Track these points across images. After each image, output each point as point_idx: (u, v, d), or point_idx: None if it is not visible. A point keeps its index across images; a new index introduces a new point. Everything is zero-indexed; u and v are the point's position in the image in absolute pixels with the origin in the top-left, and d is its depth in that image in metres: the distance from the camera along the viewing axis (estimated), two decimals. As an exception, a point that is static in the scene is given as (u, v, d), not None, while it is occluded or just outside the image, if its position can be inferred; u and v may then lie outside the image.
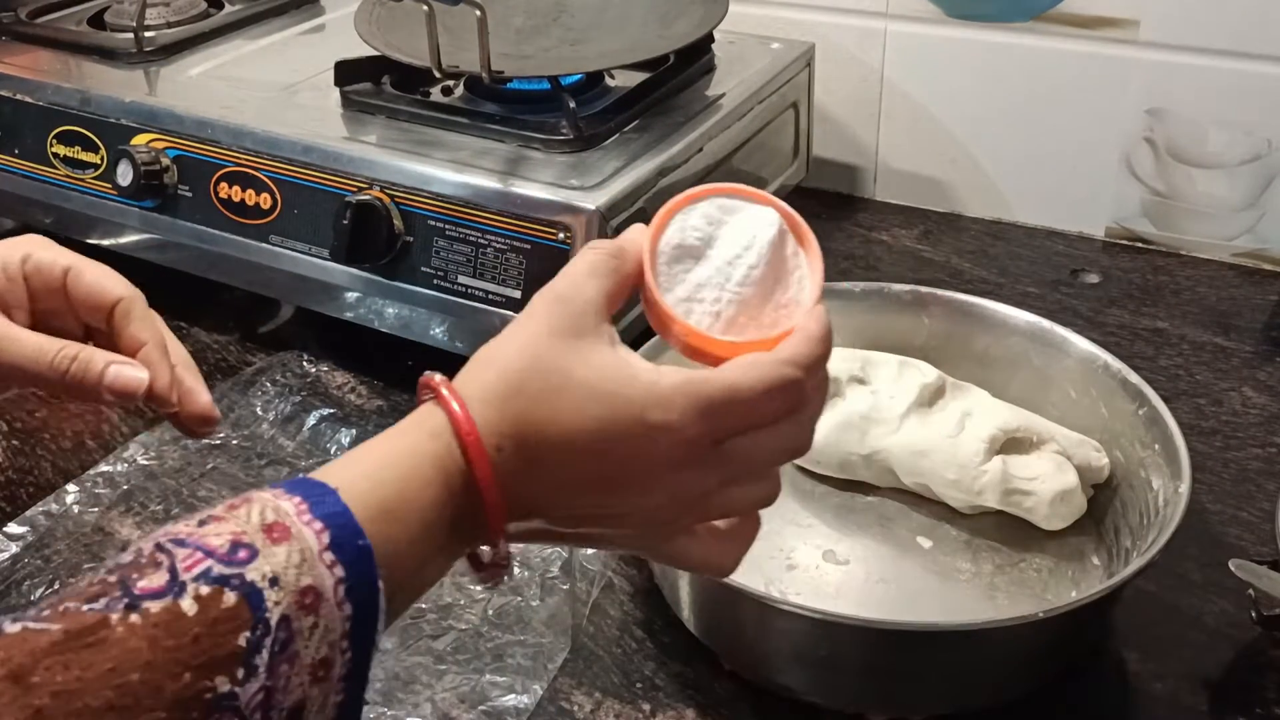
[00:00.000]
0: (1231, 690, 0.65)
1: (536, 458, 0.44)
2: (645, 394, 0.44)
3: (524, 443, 0.44)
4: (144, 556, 0.38)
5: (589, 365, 0.44)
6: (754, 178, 1.00)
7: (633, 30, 0.97)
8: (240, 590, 0.37)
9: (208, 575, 0.37)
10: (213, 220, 0.91)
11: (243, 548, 0.38)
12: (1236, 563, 0.62)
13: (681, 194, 0.49)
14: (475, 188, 0.81)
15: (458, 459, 0.43)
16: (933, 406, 0.75)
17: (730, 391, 0.44)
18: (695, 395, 0.44)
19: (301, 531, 0.39)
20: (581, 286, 0.46)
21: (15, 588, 0.72)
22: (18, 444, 0.85)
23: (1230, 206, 1.02)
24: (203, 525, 0.39)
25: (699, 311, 0.47)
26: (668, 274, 0.48)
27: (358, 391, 0.90)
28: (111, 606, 0.36)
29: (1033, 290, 1.00)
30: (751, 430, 0.45)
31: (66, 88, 0.98)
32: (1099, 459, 0.73)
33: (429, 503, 0.43)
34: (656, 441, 0.44)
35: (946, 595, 0.70)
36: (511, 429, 0.44)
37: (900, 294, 0.82)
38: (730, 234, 0.48)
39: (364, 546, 0.40)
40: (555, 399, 0.44)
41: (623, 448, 0.44)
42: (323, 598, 0.38)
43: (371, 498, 0.41)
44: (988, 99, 1.07)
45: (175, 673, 0.35)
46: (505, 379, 0.44)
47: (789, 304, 0.48)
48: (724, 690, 0.65)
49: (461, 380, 0.45)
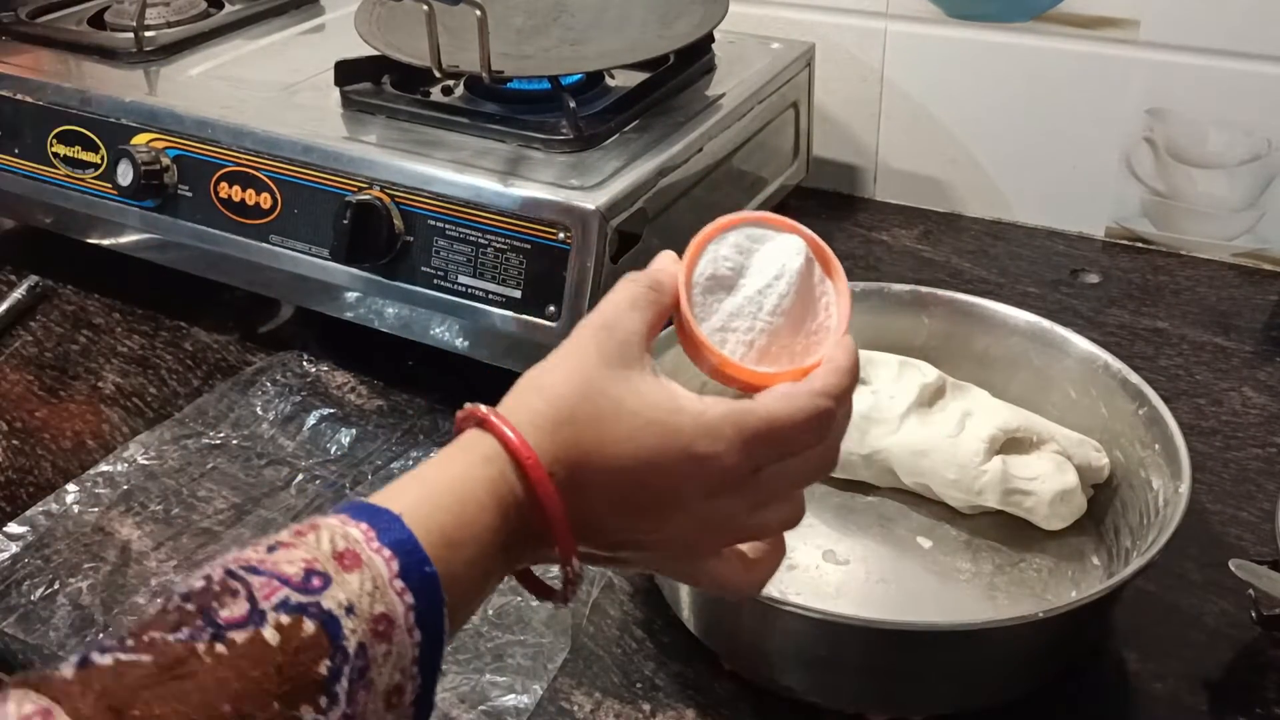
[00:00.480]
0: (1231, 690, 0.65)
1: (584, 484, 0.45)
2: (693, 424, 0.45)
3: (573, 469, 0.44)
4: (215, 583, 0.38)
5: (638, 394, 0.45)
6: (754, 178, 1.00)
7: (633, 30, 0.97)
8: (318, 618, 0.37)
9: (286, 604, 0.37)
10: (213, 220, 0.91)
11: (316, 575, 0.38)
12: (1236, 563, 0.62)
13: (711, 224, 0.50)
14: (475, 188, 0.81)
15: (513, 484, 0.44)
16: (933, 406, 0.75)
17: (770, 422, 0.46)
18: (741, 426, 0.45)
19: (372, 559, 0.39)
20: (625, 317, 0.47)
21: (15, 588, 0.72)
22: (18, 444, 0.85)
23: (1230, 206, 1.02)
24: (273, 551, 0.39)
25: (733, 341, 0.49)
26: (702, 304, 0.49)
27: (358, 391, 0.89)
28: (196, 636, 0.36)
29: (1033, 290, 1.00)
30: (786, 457, 0.47)
31: (66, 88, 0.98)
32: (1099, 459, 0.73)
33: (485, 528, 0.43)
34: (701, 470, 0.45)
35: (946, 595, 0.70)
36: (565, 455, 0.44)
37: (900, 294, 0.82)
38: (760, 263, 0.50)
39: (431, 573, 0.40)
40: (605, 427, 0.45)
41: (666, 476, 0.45)
42: (395, 625, 0.39)
43: (433, 523, 0.42)
44: (988, 99, 1.07)
45: (264, 702, 0.36)
46: (555, 406, 0.45)
47: (818, 330, 0.50)
48: (724, 690, 0.65)
49: (508, 408, 0.46)
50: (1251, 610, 0.65)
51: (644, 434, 0.45)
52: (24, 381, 0.92)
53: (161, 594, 0.38)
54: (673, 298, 0.49)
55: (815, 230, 0.51)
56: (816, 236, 0.51)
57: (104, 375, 0.92)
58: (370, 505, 0.42)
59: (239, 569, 0.38)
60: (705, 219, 0.50)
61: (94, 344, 0.96)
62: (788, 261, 0.49)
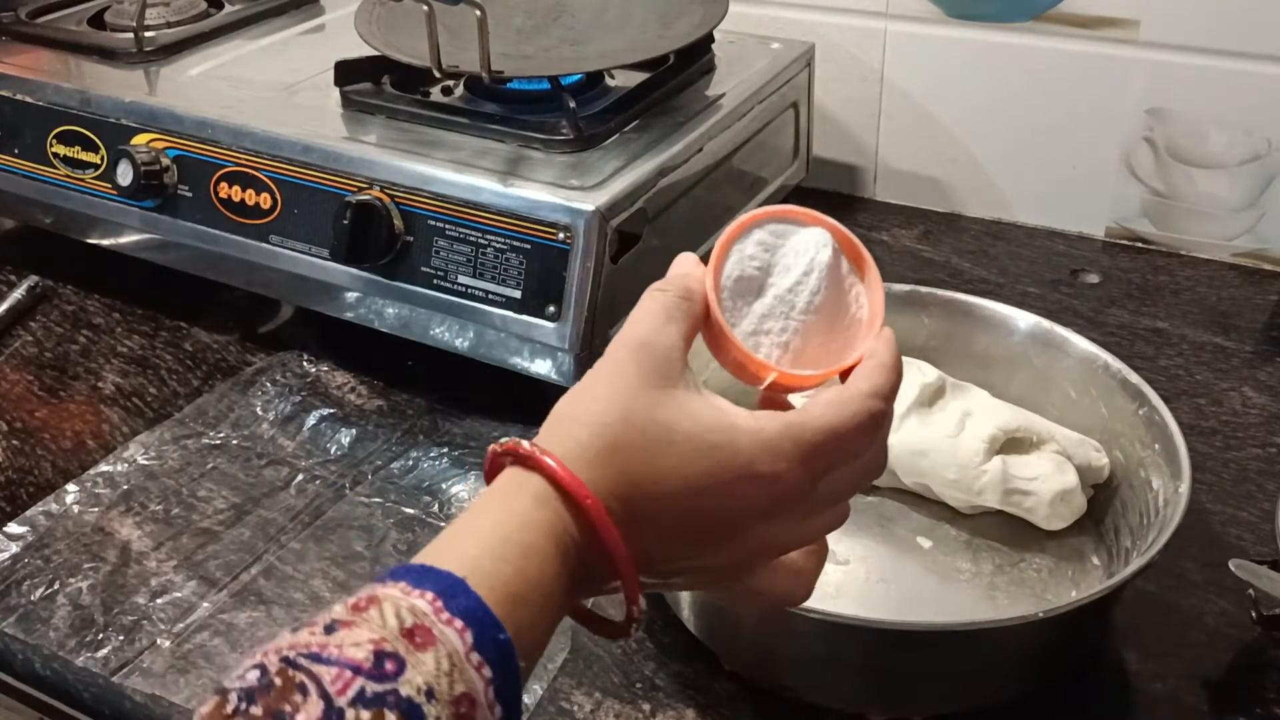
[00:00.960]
0: (1231, 690, 0.65)
1: (641, 516, 0.42)
2: (751, 443, 0.43)
3: (628, 501, 0.42)
4: (275, 676, 0.35)
5: (689, 416, 0.43)
6: (754, 178, 1.00)
7: (633, 30, 0.97)
8: (398, 709, 0.35)
9: (363, 697, 0.34)
10: (213, 220, 0.91)
11: (388, 658, 0.35)
12: (1236, 563, 0.62)
13: (734, 223, 0.48)
14: (475, 188, 0.81)
15: (570, 526, 0.41)
16: (933, 406, 0.75)
17: (830, 433, 0.44)
18: (800, 440, 0.43)
19: (444, 633, 0.37)
20: (662, 332, 0.45)
21: (15, 588, 0.72)
22: (18, 444, 0.85)
23: (1230, 206, 1.02)
24: (332, 632, 0.36)
25: (767, 344, 0.47)
26: (732, 309, 0.47)
27: (358, 391, 0.89)
28: None
29: (1033, 290, 1.00)
30: (842, 465, 0.45)
31: (66, 88, 0.98)
32: (1099, 459, 0.73)
33: (550, 578, 0.41)
34: (762, 491, 0.43)
35: (946, 595, 0.70)
36: (617, 487, 0.42)
37: (900, 294, 0.82)
38: (787, 259, 0.48)
39: (505, 641, 0.38)
40: (658, 453, 0.42)
41: (727, 499, 0.43)
42: (476, 703, 0.37)
43: (497, 581, 0.39)
44: (988, 99, 1.07)
45: None
46: (601, 436, 0.42)
47: (852, 324, 0.48)
48: (724, 690, 0.65)
49: (549, 440, 0.43)
50: (1251, 610, 0.64)
51: (701, 458, 0.42)
52: (24, 381, 0.92)
53: (216, 693, 0.35)
54: (703, 305, 0.46)
55: None
56: (842, 226, 0.49)
57: (104, 375, 0.92)
58: (430, 569, 0.39)
59: (299, 658, 0.35)
60: (705, 219, 0.50)
61: (94, 344, 0.96)
62: (815, 255, 0.48)
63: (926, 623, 0.63)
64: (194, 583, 0.72)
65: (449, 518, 0.77)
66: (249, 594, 0.71)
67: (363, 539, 0.75)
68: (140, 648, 0.68)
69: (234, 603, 0.71)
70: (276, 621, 0.69)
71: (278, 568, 0.73)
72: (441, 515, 0.77)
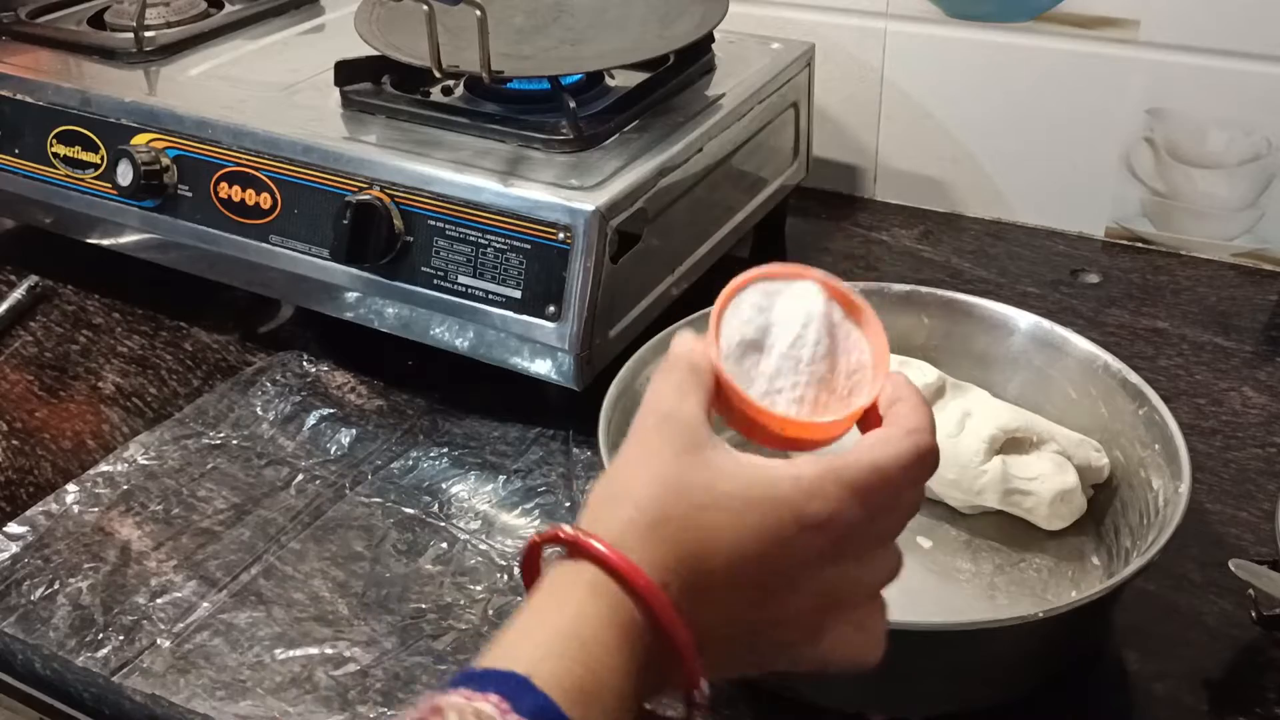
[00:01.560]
0: (1231, 690, 0.65)
1: (700, 584, 0.41)
2: (794, 489, 0.42)
3: (682, 572, 0.41)
4: None
5: (728, 477, 0.43)
6: (754, 178, 1.00)
7: (633, 30, 0.97)
8: None
9: None
10: (213, 220, 0.91)
11: None
12: (1236, 563, 0.62)
13: (722, 293, 0.49)
14: (475, 188, 0.81)
15: (631, 612, 0.40)
16: (932, 406, 0.75)
17: (876, 470, 0.44)
18: (844, 479, 0.43)
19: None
20: (682, 403, 0.45)
21: (15, 588, 0.72)
22: (18, 444, 0.85)
23: (1230, 206, 1.02)
24: None
25: (782, 402, 0.48)
26: (740, 374, 0.48)
27: (358, 391, 0.90)
28: None
29: (1033, 290, 1.00)
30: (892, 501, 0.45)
31: (66, 88, 0.98)
32: (1099, 459, 0.73)
33: (616, 671, 0.39)
34: (819, 535, 0.42)
35: (946, 595, 0.70)
36: (671, 561, 0.41)
37: (899, 294, 0.82)
38: (782, 316, 0.49)
39: None
40: (705, 518, 0.42)
41: (781, 550, 0.42)
42: None
43: (566, 678, 0.38)
44: (988, 99, 1.07)
45: None
46: (645, 511, 0.42)
47: (857, 367, 0.49)
48: (724, 690, 0.65)
49: (593, 524, 0.42)
50: (1251, 610, 0.65)
51: (748, 513, 0.42)
52: (24, 381, 0.92)
53: None
54: (711, 377, 0.47)
55: (816, 230, 0.51)
56: (827, 275, 0.50)
57: (104, 375, 0.92)
58: (490, 671, 0.38)
59: None
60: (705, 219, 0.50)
61: (94, 344, 0.96)
62: (809, 308, 0.49)
63: (926, 623, 0.63)
64: (194, 583, 0.72)
65: (449, 517, 0.77)
66: (249, 594, 0.72)
67: (363, 539, 0.75)
68: (140, 648, 0.68)
69: (234, 603, 0.71)
70: (276, 621, 0.70)
71: (278, 568, 0.73)
72: (441, 515, 0.77)
